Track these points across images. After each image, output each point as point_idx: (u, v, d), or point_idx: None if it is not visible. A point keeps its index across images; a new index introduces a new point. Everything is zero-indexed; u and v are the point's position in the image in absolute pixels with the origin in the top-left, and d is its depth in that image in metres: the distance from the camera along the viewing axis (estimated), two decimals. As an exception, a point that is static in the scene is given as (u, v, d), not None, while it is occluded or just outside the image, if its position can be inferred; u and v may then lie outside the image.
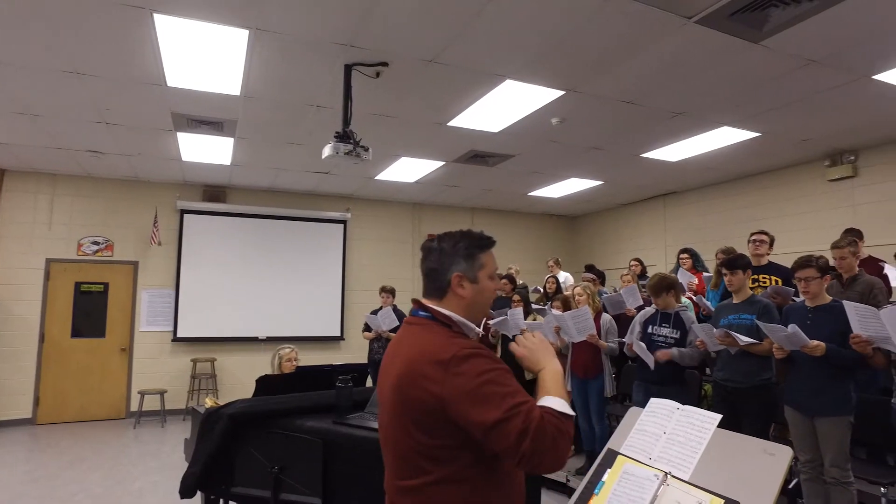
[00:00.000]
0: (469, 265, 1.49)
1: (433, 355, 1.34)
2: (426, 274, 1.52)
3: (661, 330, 4.11)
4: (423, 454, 1.34)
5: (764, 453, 1.58)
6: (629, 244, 9.43)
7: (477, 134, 5.78)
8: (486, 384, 1.28)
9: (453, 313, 1.46)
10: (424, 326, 1.45)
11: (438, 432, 1.32)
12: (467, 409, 1.27)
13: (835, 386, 3.24)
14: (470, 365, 1.31)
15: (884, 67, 4.23)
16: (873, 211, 6.15)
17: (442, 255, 1.50)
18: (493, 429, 1.25)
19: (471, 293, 1.48)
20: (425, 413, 1.32)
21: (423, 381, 1.32)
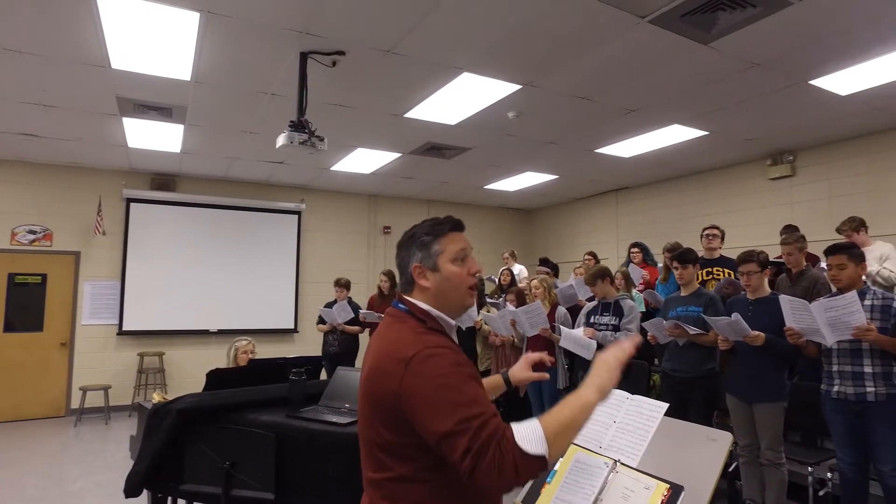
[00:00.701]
0: (425, 254, 1.43)
1: (397, 352, 1.29)
2: (398, 269, 1.51)
3: (601, 318, 4.25)
4: (384, 449, 1.32)
5: (707, 439, 1.65)
6: (583, 238, 9.62)
7: (434, 126, 5.78)
8: (440, 389, 1.22)
9: (429, 306, 1.41)
10: (399, 319, 1.41)
11: (399, 430, 1.28)
12: (420, 414, 1.23)
13: (771, 374, 3.41)
14: (428, 366, 1.25)
15: (820, 73, 4.45)
16: (809, 208, 6.47)
17: (401, 249, 1.49)
18: (442, 440, 1.20)
19: (434, 282, 1.42)
20: (386, 409, 1.29)
21: (385, 378, 1.29)
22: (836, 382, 3.16)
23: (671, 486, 1.56)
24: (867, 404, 3.02)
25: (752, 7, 3.45)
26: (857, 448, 3.10)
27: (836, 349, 3.15)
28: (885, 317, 3.05)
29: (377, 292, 6.80)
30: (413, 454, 1.29)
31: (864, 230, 4.92)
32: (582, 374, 4.36)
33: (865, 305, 3.09)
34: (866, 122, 5.66)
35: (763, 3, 3.40)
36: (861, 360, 3.06)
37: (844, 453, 3.16)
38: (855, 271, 3.17)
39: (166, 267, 7.98)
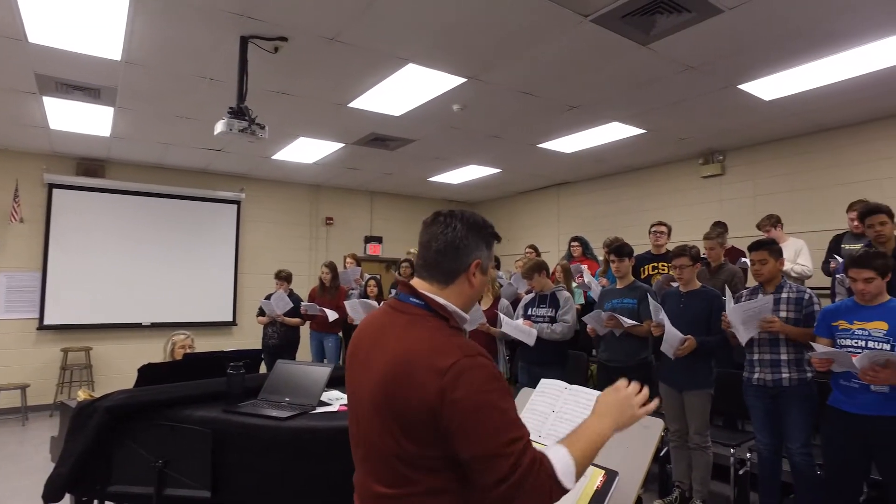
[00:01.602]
0: (488, 254, 1.35)
1: (431, 359, 1.16)
2: (440, 251, 1.30)
3: (538, 310, 4.35)
4: (409, 463, 1.19)
5: (640, 426, 1.72)
6: (525, 231, 9.79)
7: (378, 117, 5.72)
8: (483, 406, 1.13)
9: (449, 303, 1.28)
10: (418, 318, 1.27)
11: (428, 442, 1.17)
12: (460, 430, 1.13)
13: (700, 364, 3.61)
14: (470, 378, 1.14)
15: (748, 78, 4.69)
16: (736, 206, 6.83)
17: (466, 236, 1.30)
18: (478, 461, 1.13)
19: (479, 285, 1.33)
20: (416, 421, 1.16)
21: (418, 389, 1.15)
22: (756, 370, 3.37)
23: (606, 472, 1.63)
24: (782, 389, 3.24)
25: (688, 12, 3.59)
26: (773, 430, 3.32)
27: (756, 339, 3.35)
28: (798, 308, 3.28)
29: (318, 284, 6.70)
30: (441, 466, 1.19)
31: (780, 227, 5.27)
32: (522, 364, 4.46)
33: (783, 298, 3.32)
34: (786, 126, 6.02)
35: (697, 9, 3.55)
36: (778, 349, 3.28)
37: (762, 435, 3.38)
38: (775, 266, 3.40)
39: (94, 257, 7.56)
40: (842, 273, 3.90)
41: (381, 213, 10.15)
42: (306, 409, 2.58)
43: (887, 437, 2.68)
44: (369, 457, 1.27)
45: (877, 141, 5.83)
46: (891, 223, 3.71)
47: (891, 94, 5.07)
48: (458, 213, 1.34)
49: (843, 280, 3.87)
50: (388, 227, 10.20)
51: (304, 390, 2.72)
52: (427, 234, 1.33)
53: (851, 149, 6.01)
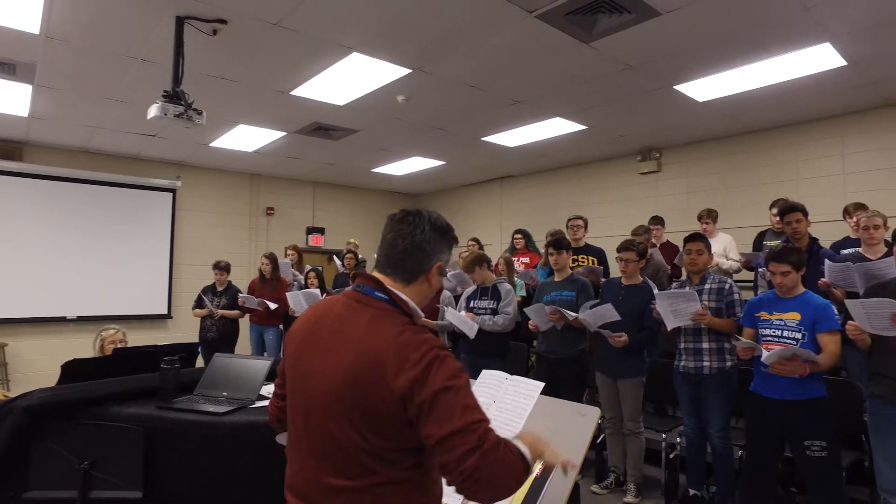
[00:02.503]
0: (447, 258, 1.41)
1: (403, 353, 1.21)
2: (405, 251, 1.35)
3: (480, 303, 4.40)
4: (372, 454, 1.22)
5: (578, 415, 1.78)
6: (468, 224, 9.85)
7: (321, 106, 5.61)
8: (451, 391, 1.19)
9: (410, 300, 1.34)
10: (385, 313, 1.30)
11: (395, 434, 1.22)
12: (428, 415, 1.17)
13: (633, 354, 3.75)
14: (439, 368, 1.20)
15: (683, 80, 4.88)
16: (671, 202, 7.11)
17: (432, 240, 1.36)
18: (445, 440, 1.16)
19: (436, 285, 1.40)
20: (385, 413, 1.20)
21: (390, 381, 1.19)
22: (682, 358, 3.54)
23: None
24: (703, 376, 3.42)
25: (628, 13, 3.70)
26: (698, 415, 3.50)
27: (682, 329, 3.52)
28: (720, 298, 3.47)
29: (258, 276, 6.53)
30: (403, 457, 1.24)
31: (715, 222, 5.55)
32: (464, 356, 4.49)
33: (707, 288, 3.50)
34: (718, 126, 6.31)
35: (637, 11, 3.66)
36: (701, 338, 3.46)
37: (688, 419, 3.56)
38: (708, 258, 3.59)
39: (10, 246, 7.06)
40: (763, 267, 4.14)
41: (323, 203, 9.98)
42: (245, 404, 2.52)
43: (797, 418, 2.89)
44: (323, 449, 1.27)
45: (798, 143, 6.21)
46: (805, 221, 3.97)
47: (810, 100, 5.41)
48: (425, 214, 1.39)
49: (764, 273, 4.11)
50: (330, 218, 10.04)
51: (243, 384, 2.65)
52: (393, 231, 1.37)
53: (776, 150, 6.37)
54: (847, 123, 5.89)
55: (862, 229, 3.83)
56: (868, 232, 3.75)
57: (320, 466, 1.27)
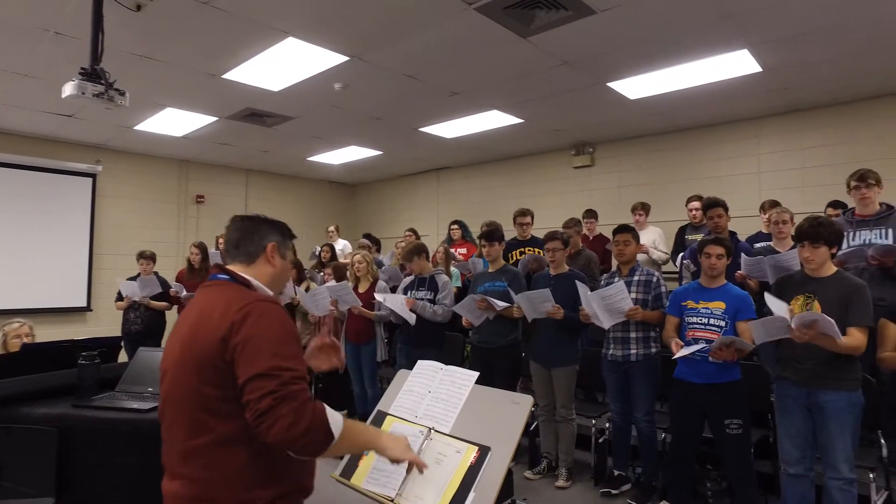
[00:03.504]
0: (283, 241, 1.59)
1: (227, 305, 1.35)
2: (238, 238, 1.54)
3: (418, 293, 4.41)
4: (208, 409, 1.32)
5: (511, 403, 1.82)
6: (405, 214, 9.83)
7: (255, 91, 5.42)
8: (266, 337, 1.30)
9: (255, 280, 1.49)
10: (221, 286, 1.46)
11: (223, 382, 1.30)
12: (242, 356, 1.28)
13: (567, 342, 3.87)
14: (260, 316, 1.33)
15: (616, 77, 5.05)
16: (603, 196, 7.36)
17: (260, 225, 1.56)
18: (249, 381, 1.26)
19: (279, 266, 1.56)
20: (211, 363, 1.31)
21: (213, 330, 1.32)
22: (611, 347, 3.69)
23: (479, 448, 1.70)
24: (630, 364, 3.58)
25: (565, 10, 3.78)
26: (624, 401, 3.66)
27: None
28: (647, 289, 3.63)
29: (187, 266, 6.26)
30: (234, 411, 1.30)
31: (647, 215, 5.80)
32: (400, 346, 4.50)
33: (635, 280, 3.65)
34: (647, 123, 6.57)
35: (573, 8, 3.75)
36: (628, 328, 3.61)
37: (616, 405, 3.71)
38: (636, 249, 3.74)
39: None
40: (687, 259, 4.36)
41: (257, 192, 9.67)
42: (171, 400, 2.41)
43: (718, 399, 3.09)
44: (172, 417, 1.38)
45: (719, 143, 6.56)
46: (726, 216, 4.21)
47: (729, 103, 5.72)
48: (255, 213, 1.61)
49: (688, 265, 4.34)
50: (264, 206, 9.74)
51: (169, 379, 2.55)
52: (229, 229, 1.58)
53: (699, 148, 6.70)
54: (762, 126, 6.28)
55: (773, 224, 4.10)
56: (778, 227, 4.03)
57: (172, 437, 1.38)
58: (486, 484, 1.62)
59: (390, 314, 4.64)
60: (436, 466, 1.70)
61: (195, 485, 1.32)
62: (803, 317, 2.54)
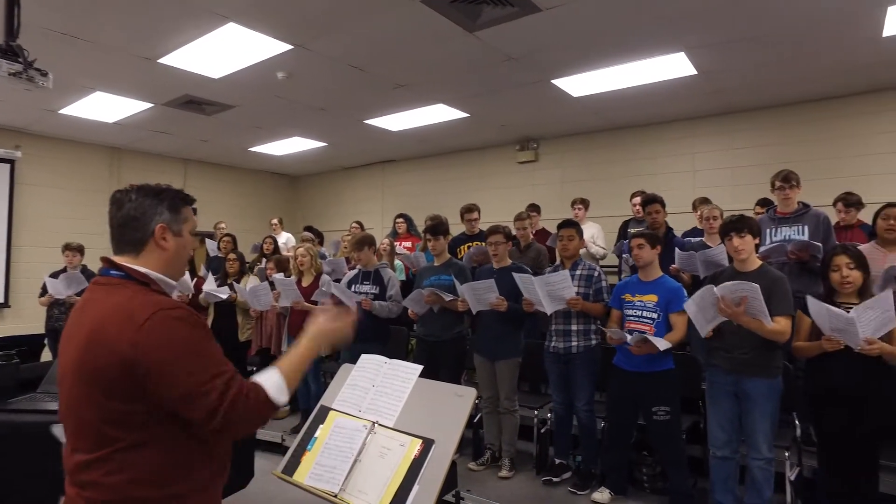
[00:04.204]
0: (174, 217, 1.40)
1: (128, 314, 1.22)
2: (120, 225, 1.36)
3: (362, 287, 4.36)
4: (114, 422, 1.23)
5: (455, 396, 1.83)
6: (350, 207, 9.72)
7: (193, 77, 5.21)
8: (183, 350, 1.22)
9: (151, 270, 1.35)
10: (117, 286, 1.31)
11: (133, 396, 1.22)
12: (158, 376, 1.20)
13: (510, 336, 3.93)
14: (168, 327, 1.22)
15: (560, 75, 5.15)
16: (547, 191, 7.49)
17: (142, 204, 1.36)
18: (184, 400, 1.21)
19: (174, 247, 1.39)
20: (111, 379, 1.21)
21: (111, 345, 1.20)
22: (553, 339, 3.77)
23: (423, 441, 1.70)
24: (572, 355, 3.68)
25: (511, 6, 3.81)
26: (566, 391, 3.75)
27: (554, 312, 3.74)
28: (588, 283, 3.73)
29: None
30: (147, 419, 1.23)
31: (586, 210, 5.95)
32: (345, 341, 4.45)
33: (577, 274, 3.75)
34: (590, 121, 6.73)
35: (519, 4, 3.79)
36: (570, 321, 3.70)
37: (558, 396, 3.81)
38: (579, 244, 3.84)
39: None
40: (627, 253, 4.51)
41: (196, 182, 9.31)
42: (100, 399, 2.30)
43: (649, 387, 3.24)
44: (73, 427, 1.29)
45: (656, 142, 6.81)
46: (663, 212, 4.39)
47: (667, 103, 5.94)
48: (133, 187, 1.40)
49: (627, 259, 4.48)
50: (203, 198, 9.26)
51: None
52: (110, 214, 1.39)
53: (638, 146, 6.93)
54: (697, 126, 6.55)
55: (704, 220, 4.31)
56: (709, 223, 4.25)
57: (73, 446, 1.29)
58: (430, 476, 1.62)
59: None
60: (380, 460, 1.70)
61: (103, 490, 1.24)
62: (728, 286, 2.72)
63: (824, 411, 2.80)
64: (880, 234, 3.48)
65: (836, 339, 2.60)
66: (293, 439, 1.91)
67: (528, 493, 3.58)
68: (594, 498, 3.41)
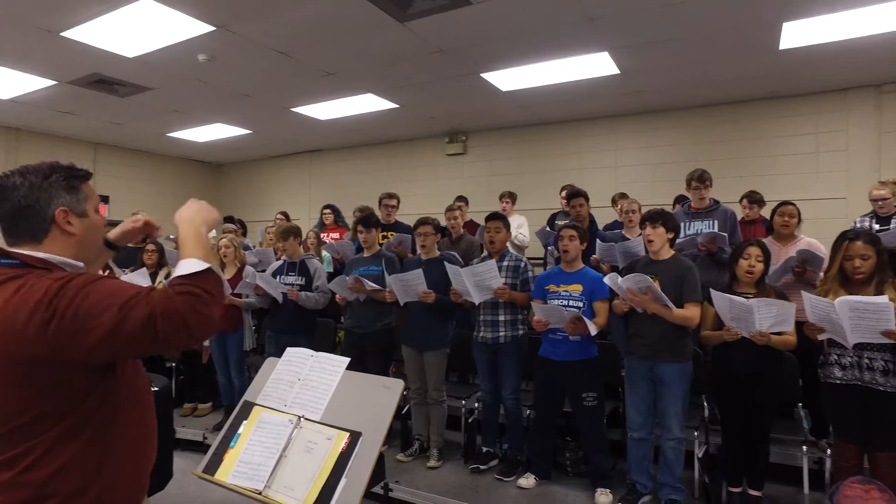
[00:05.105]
0: (74, 197, 1.28)
1: (26, 300, 1.11)
2: (14, 215, 1.23)
3: (287, 278, 4.28)
4: (33, 416, 1.15)
5: (382, 388, 1.83)
6: (275, 197, 9.46)
7: (104, 55, 4.87)
8: (86, 298, 1.10)
9: (54, 255, 1.23)
10: (14, 275, 1.18)
11: (49, 385, 1.14)
12: (78, 335, 1.09)
13: (438, 326, 3.95)
14: (67, 290, 1.11)
15: (489, 69, 5.21)
16: (475, 183, 7.59)
17: (34, 190, 1.24)
18: (113, 335, 1.09)
19: (81, 229, 1.27)
20: (31, 367, 1.13)
21: (22, 333, 1.10)
22: (481, 329, 3.84)
23: (350, 434, 1.69)
24: (499, 345, 3.75)
25: (441, -1, 3.82)
26: (493, 381, 3.83)
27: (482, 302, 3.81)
28: (515, 275, 3.81)
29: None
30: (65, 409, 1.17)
31: (513, 203, 6.08)
32: (270, 334, 4.34)
33: (505, 265, 3.82)
34: (517, 115, 6.87)
35: (449, -4, 3.80)
36: (497, 311, 3.78)
37: (485, 385, 3.88)
38: (506, 236, 3.90)
39: None
40: (552, 245, 4.65)
41: (108, 168, 8.74)
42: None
43: (576, 375, 3.37)
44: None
45: (581, 137, 7.05)
46: (587, 205, 4.55)
47: (591, 100, 6.15)
48: (19, 170, 1.27)
49: (552, 251, 4.62)
50: (116, 185, 8.83)
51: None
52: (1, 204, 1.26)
53: (564, 142, 7.15)
54: (619, 124, 6.84)
55: (623, 214, 4.52)
56: (628, 216, 4.47)
57: None
58: (358, 469, 1.62)
59: (259, 300, 4.44)
60: (306, 455, 1.67)
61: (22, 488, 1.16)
62: (630, 278, 2.95)
63: (725, 391, 3.07)
64: (777, 229, 3.84)
65: (734, 329, 2.84)
66: (215, 437, 1.85)
67: (456, 482, 3.63)
68: (520, 484, 3.50)
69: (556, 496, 3.39)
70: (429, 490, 3.47)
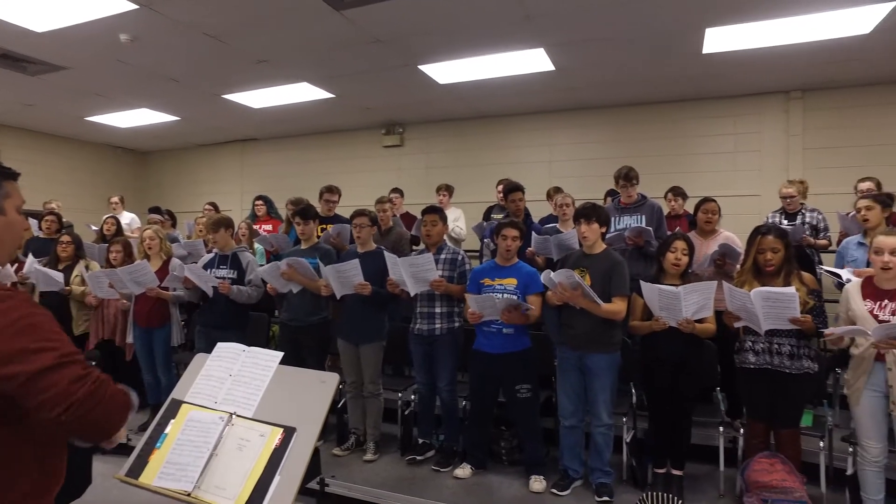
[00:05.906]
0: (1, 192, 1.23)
1: None
2: None
3: (219, 272, 4.14)
4: None
5: (318, 382, 1.80)
6: (205, 187, 9.08)
7: (10, 28, 4.50)
8: (28, 327, 1.07)
9: None
10: None
11: None
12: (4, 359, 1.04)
13: (374, 319, 3.93)
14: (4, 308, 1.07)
15: (426, 61, 5.21)
16: (412, 175, 7.58)
17: None
18: (40, 376, 1.05)
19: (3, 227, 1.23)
20: None
21: None
22: (417, 321, 3.85)
23: (284, 430, 1.66)
24: (435, 337, 3.78)
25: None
26: (429, 372, 3.86)
27: (418, 295, 3.82)
28: (453, 267, 3.85)
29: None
30: None
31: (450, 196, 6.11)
32: (199, 329, 4.19)
33: (442, 258, 3.84)
34: (455, 108, 6.90)
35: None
36: (434, 303, 3.80)
37: (422, 377, 3.90)
38: (442, 229, 3.92)
39: None
40: (488, 237, 4.71)
41: (16, 153, 8.10)
42: None
43: (510, 367, 3.45)
44: None
45: (517, 132, 7.17)
46: (524, 199, 4.64)
47: (527, 95, 6.27)
48: None
49: (488, 244, 4.68)
50: (25, 170, 7.99)
51: None
52: None
53: (500, 135, 7.25)
54: (554, 119, 7.00)
55: (558, 207, 4.64)
56: (562, 210, 4.59)
57: None
58: (292, 465, 1.59)
59: (188, 293, 4.26)
60: (238, 453, 1.63)
61: None
62: (562, 273, 3.08)
63: (653, 378, 3.23)
64: (700, 225, 4.07)
65: (662, 319, 2.99)
66: (140, 438, 1.77)
67: (393, 474, 3.64)
68: (456, 474, 3.55)
69: (491, 485, 3.46)
70: (365, 483, 3.45)
